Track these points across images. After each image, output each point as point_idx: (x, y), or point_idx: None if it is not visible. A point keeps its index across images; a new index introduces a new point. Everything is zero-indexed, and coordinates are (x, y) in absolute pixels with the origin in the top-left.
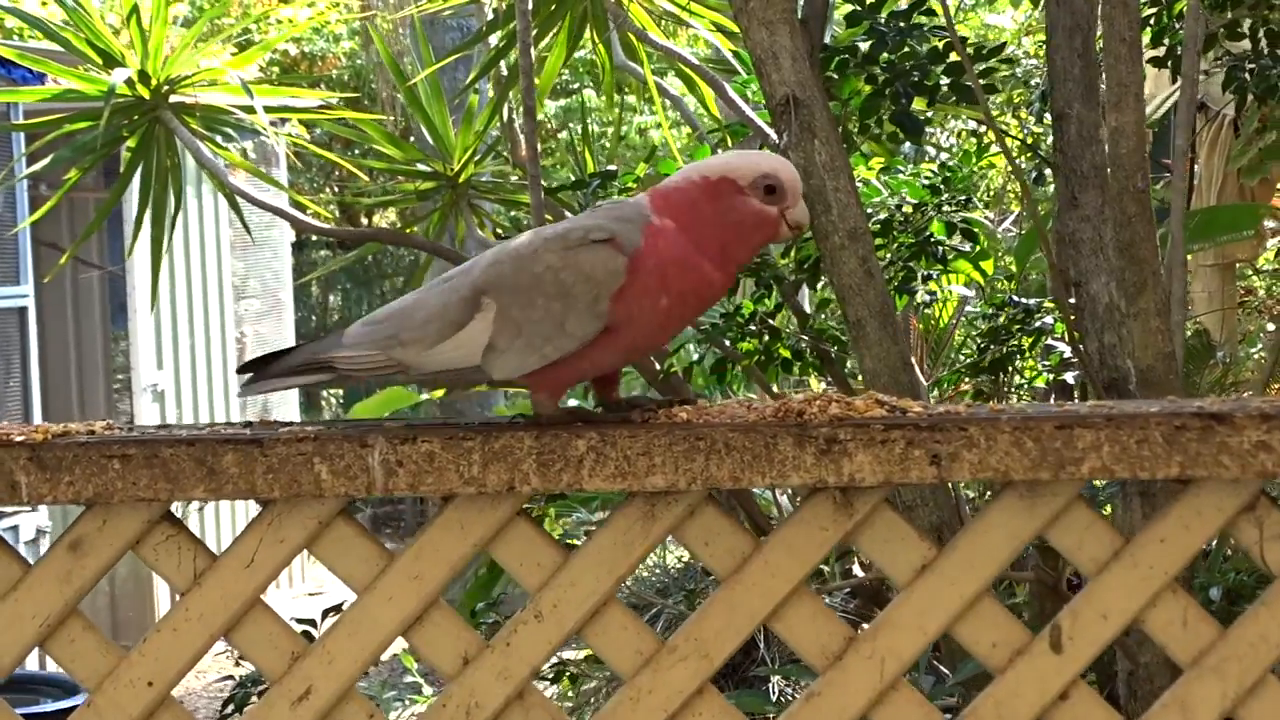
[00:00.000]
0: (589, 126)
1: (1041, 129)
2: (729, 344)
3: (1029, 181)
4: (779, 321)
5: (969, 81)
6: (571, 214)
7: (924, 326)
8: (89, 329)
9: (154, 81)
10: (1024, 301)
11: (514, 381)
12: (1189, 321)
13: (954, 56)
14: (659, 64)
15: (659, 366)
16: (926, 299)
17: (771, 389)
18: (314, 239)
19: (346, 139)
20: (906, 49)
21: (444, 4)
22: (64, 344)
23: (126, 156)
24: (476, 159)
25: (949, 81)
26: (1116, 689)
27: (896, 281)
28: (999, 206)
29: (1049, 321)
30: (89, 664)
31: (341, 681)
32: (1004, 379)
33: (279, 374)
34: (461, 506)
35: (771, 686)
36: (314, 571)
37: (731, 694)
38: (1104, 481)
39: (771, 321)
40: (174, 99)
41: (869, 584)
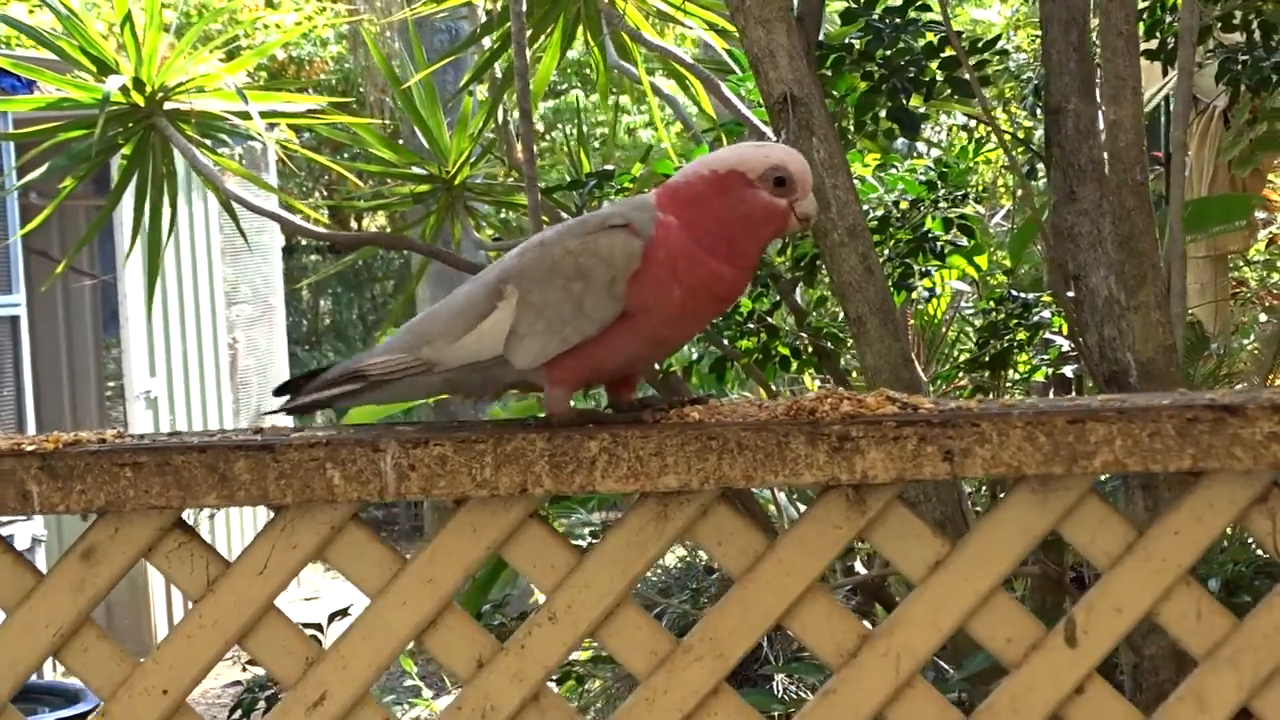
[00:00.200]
0: (580, 128)
1: (1033, 123)
2: (727, 342)
3: (1035, 174)
4: (776, 319)
5: (965, 76)
6: (568, 215)
7: (918, 323)
8: (80, 337)
9: (148, 88)
10: (1023, 296)
11: (534, 379)
12: None
13: (949, 51)
14: (650, 63)
15: (656, 366)
16: (925, 295)
17: (770, 387)
18: (304, 243)
19: (334, 143)
20: (902, 45)
21: (437, 6)
22: (55, 352)
23: (121, 164)
24: (472, 161)
25: (945, 76)
26: (1121, 682)
27: (894, 278)
28: (990, 201)
29: (1047, 316)
30: (103, 673)
31: (356, 686)
32: (1002, 374)
33: (315, 389)
34: (474, 509)
35: (776, 684)
36: (310, 577)
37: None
38: (1105, 476)
39: (769, 319)
40: (168, 105)
41: (871, 581)
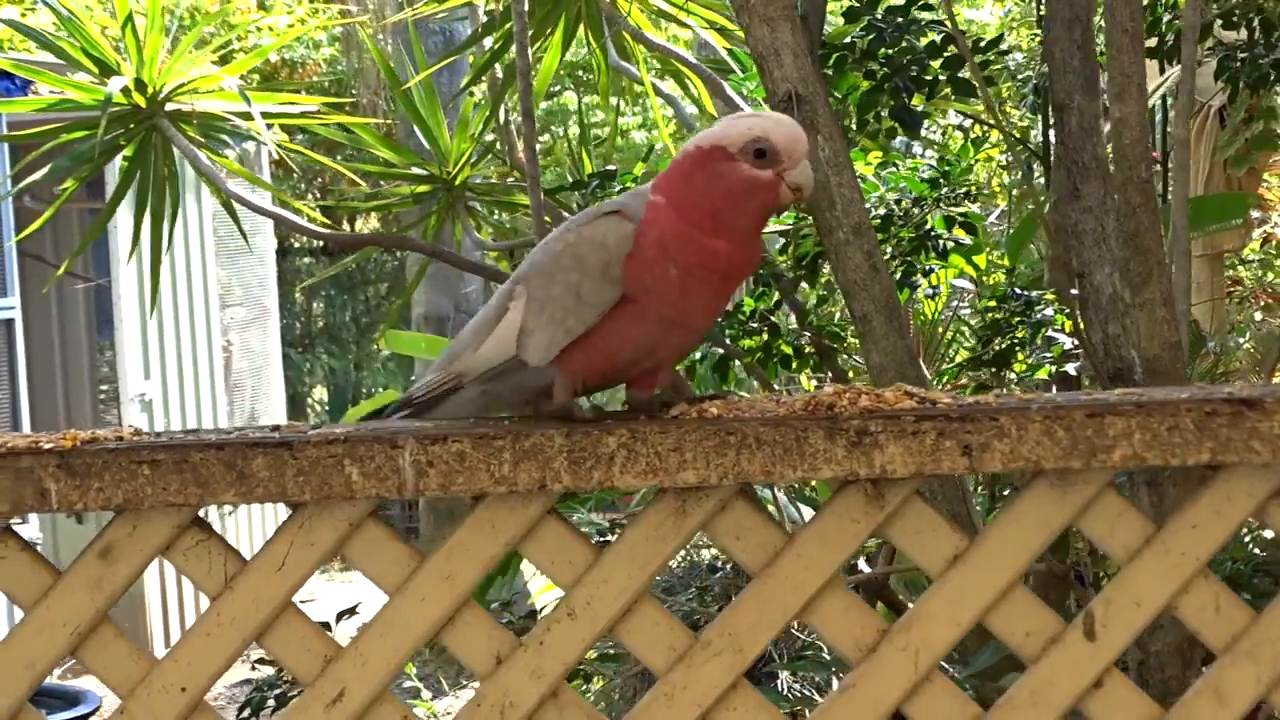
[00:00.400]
0: (572, 128)
1: (1029, 121)
2: (730, 341)
3: (1031, 173)
4: (776, 318)
5: (968, 74)
6: (570, 215)
7: (916, 323)
8: (74, 340)
9: (150, 89)
10: (1026, 294)
11: (552, 377)
12: None
13: (951, 50)
14: (647, 62)
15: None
16: (929, 292)
17: (773, 386)
18: (297, 246)
19: (328, 145)
20: (904, 44)
21: (438, 6)
22: (49, 355)
23: (122, 165)
24: (473, 162)
25: (947, 75)
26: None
27: (897, 276)
28: (984, 201)
29: (1049, 313)
30: (121, 671)
31: (375, 683)
32: (1003, 372)
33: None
34: (492, 505)
35: (781, 682)
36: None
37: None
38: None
39: (772, 318)
40: (170, 106)
41: (874, 580)
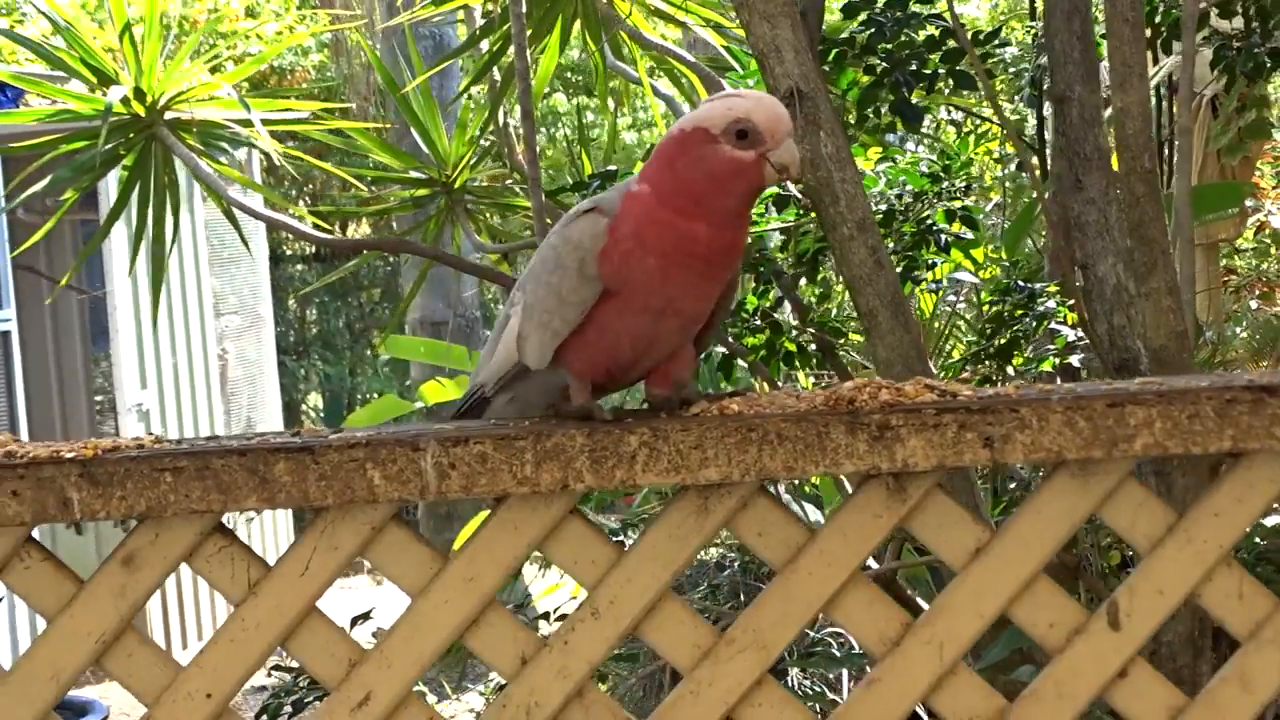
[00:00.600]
0: (563, 130)
1: (1021, 115)
2: (732, 339)
3: (1031, 165)
4: (778, 315)
5: (969, 67)
6: None
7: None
8: (69, 351)
9: (149, 98)
10: (1029, 286)
11: (563, 375)
12: None
13: (951, 44)
14: (642, 61)
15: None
16: (932, 286)
17: (776, 384)
18: (290, 253)
19: (319, 150)
20: (904, 38)
21: (435, 10)
22: (45, 367)
23: (122, 175)
24: (472, 164)
25: (947, 69)
26: None
27: (900, 271)
28: (980, 194)
29: (1052, 306)
30: (146, 678)
31: (400, 686)
32: (1006, 366)
33: None
34: (514, 506)
35: (792, 679)
36: None
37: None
38: None
39: (774, 316)
40: (169, 115)
41: (882, 575)
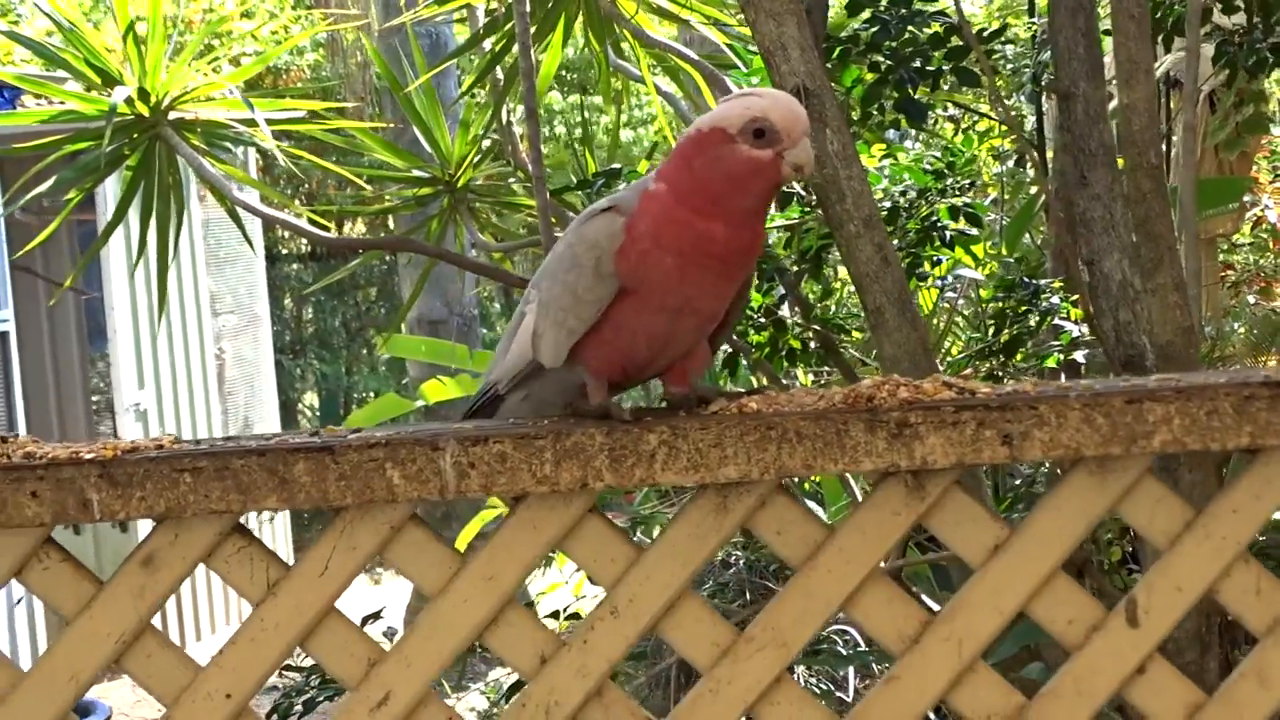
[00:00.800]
0: (558, 128)
1: (1019, 111)
2: (736, 337)
3: (1038, 162)
4: (781, 313)
5: (974, 65)
6: (575, 215)
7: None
8: (66, 352)
9: (153, 99)
10: (1034, 282)
11: (579, 373)
12: None
13: (955, 41)
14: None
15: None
16: (938, 283)
17: (781, 381)
18: (285, 252)
19: (317, 149)
20: (908, 35)
21: (439, 9)
22: (42, 368)
23: (125, 175)
24: (475, 163)
25: (951, 66)
26: None
27: (906, 267)
28: (978, 191)
29: (1056, 302)
30: (166, 679)
31: (420, 686)
32: (1010, 362)
33: None
34: (533, 505)
35: (797, 677)
36: None
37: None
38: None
39: (779, 313)
40: (173, 115)
41: (891, 573)
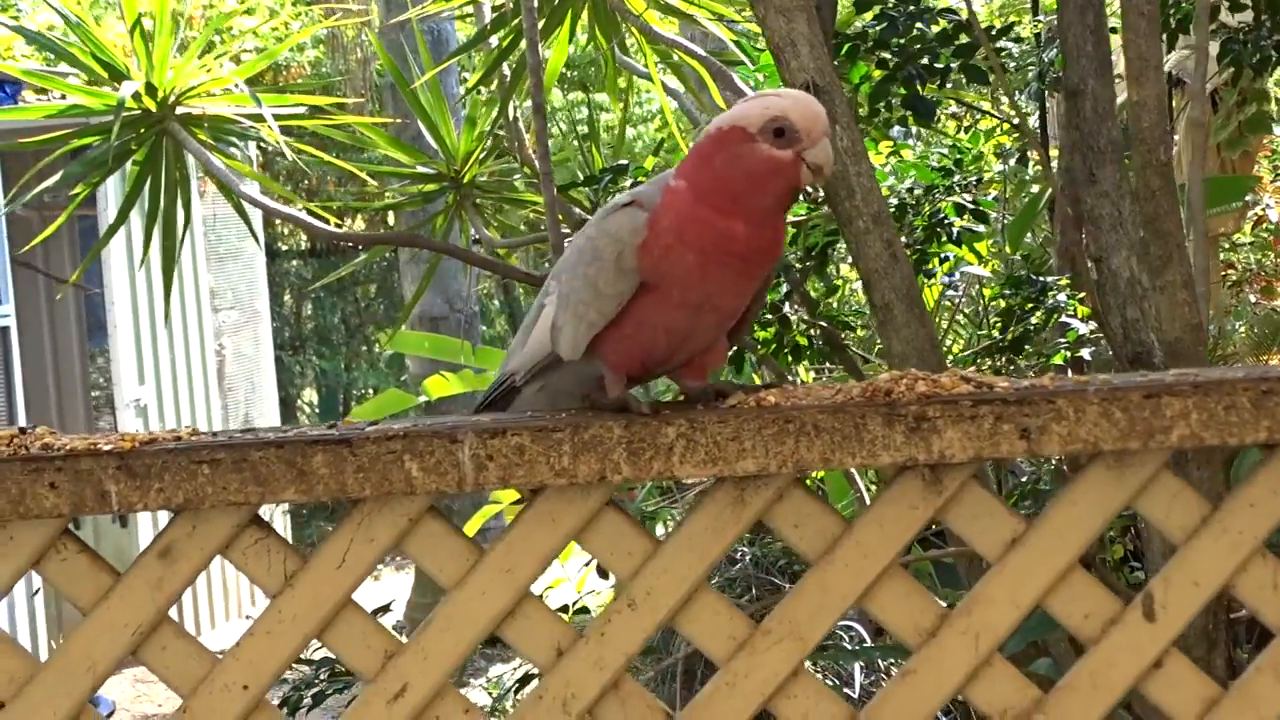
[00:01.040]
0: (560, 125)
1: (1030, 110)
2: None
3: (1044, 159)
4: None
5: (981, 62)
6: (583, 211)
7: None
8: (66, 347)
9: (160, 94)
10: (1041, 280)
11: (598, 366)
12: None
13: (963, 38)
14: (640, 54)
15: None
16: (945, 280)
17: (786, 377)
18: (285, 248)
19: (320, 146)
20: (916, 32)
21: (445, 5)
22: (42, 362)
23: (132, 170)
24: (481, 159)
25: (959, 64)
26: None
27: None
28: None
29: (1062, 299)
30: (183, 670)
31: (437, 678)
32: (1016, 359)
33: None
34: (551, 498)
35: None
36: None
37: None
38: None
39: (784, 309)
40: (180, 110)
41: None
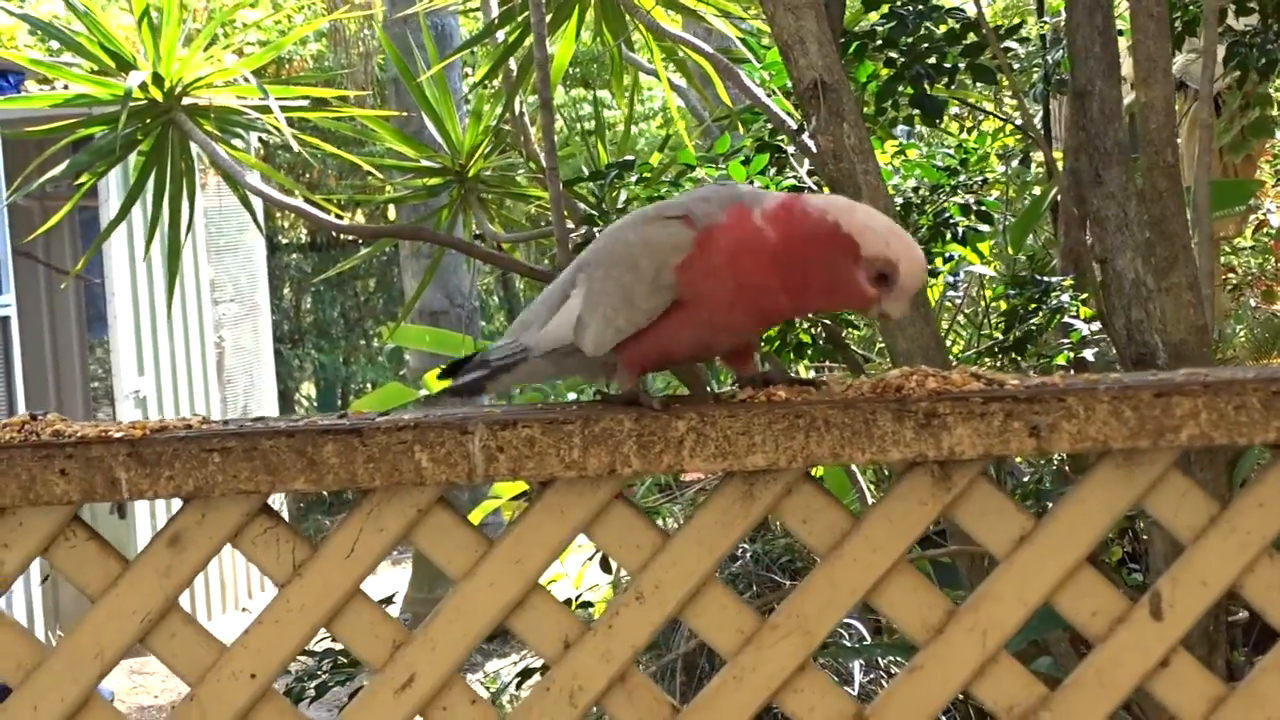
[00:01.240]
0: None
1: (1034, 110)
2: None
3: (1050, 159)
4: None
5: (990, 61)
6: (587, 206)
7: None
8: (65, 337)
9: (167, 84)
10: (1046, 280)
11: (612, 356)
12: None
13: (971, 37)
14: (646, 51)
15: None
16: (950, 279)
17: (789, 374)
18: (285, 242)
19: (322, 138)
20: (924, 31)
21: (449, 0)
22: (40, 353)
23: (138, 160)
24: (486, 153)
25: (966, 63)
26: None
27: None
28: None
29: (1065, 300)
30: (190, 658)
31: (444, 668)
32: (1019, 359)
33: (470, 369)
34: (561, 490)
35: None
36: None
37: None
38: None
39: None
40: (186, 101)
41: None
